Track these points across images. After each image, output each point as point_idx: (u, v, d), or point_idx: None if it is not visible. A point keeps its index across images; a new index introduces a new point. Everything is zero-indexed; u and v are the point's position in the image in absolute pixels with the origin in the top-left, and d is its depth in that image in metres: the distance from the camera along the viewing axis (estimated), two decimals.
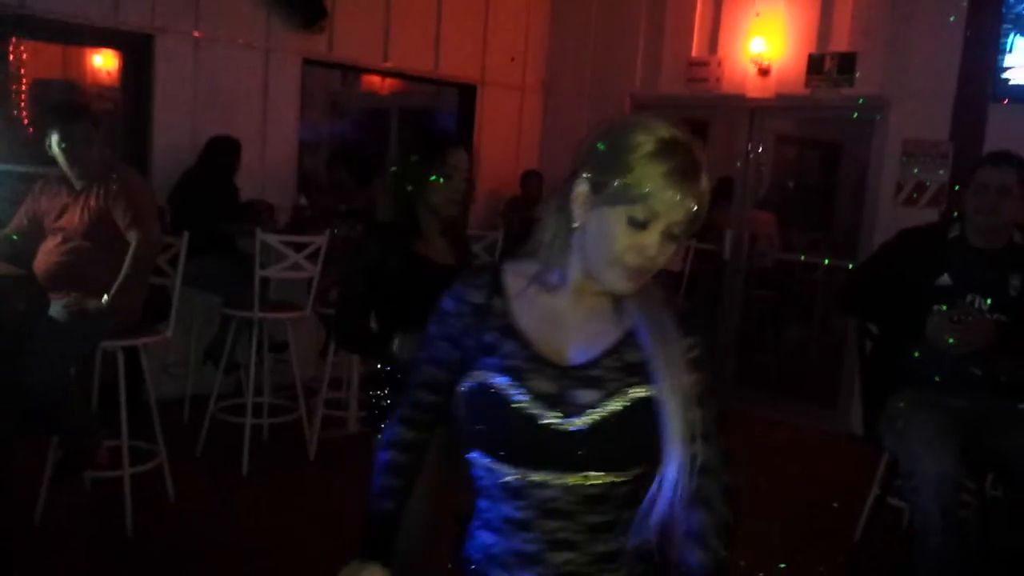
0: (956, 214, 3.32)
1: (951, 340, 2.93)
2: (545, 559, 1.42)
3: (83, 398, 3.66)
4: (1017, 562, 3.10)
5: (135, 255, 3.53)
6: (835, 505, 4.25)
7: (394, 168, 2.60)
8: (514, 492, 1.42)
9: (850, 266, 4.76)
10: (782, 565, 3.66)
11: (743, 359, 6.45)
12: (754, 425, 5.77)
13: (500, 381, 1.39)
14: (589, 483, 1.41)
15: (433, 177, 2.52)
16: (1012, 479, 3.16)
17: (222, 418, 4.57)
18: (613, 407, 1.40)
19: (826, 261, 6.27)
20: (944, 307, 2.99)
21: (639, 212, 1.32)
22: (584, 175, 1.37)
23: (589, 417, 1.39)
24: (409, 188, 2.53)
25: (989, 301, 3.02)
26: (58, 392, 3.41)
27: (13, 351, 3.36)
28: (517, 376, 1.40)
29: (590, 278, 1.41)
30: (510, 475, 1.41)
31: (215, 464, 4.37)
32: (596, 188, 1.35)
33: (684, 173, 1.32)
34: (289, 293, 5.01)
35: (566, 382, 1.41)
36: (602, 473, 1.41)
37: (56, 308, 3.45)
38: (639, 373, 1.41)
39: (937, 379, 3.07)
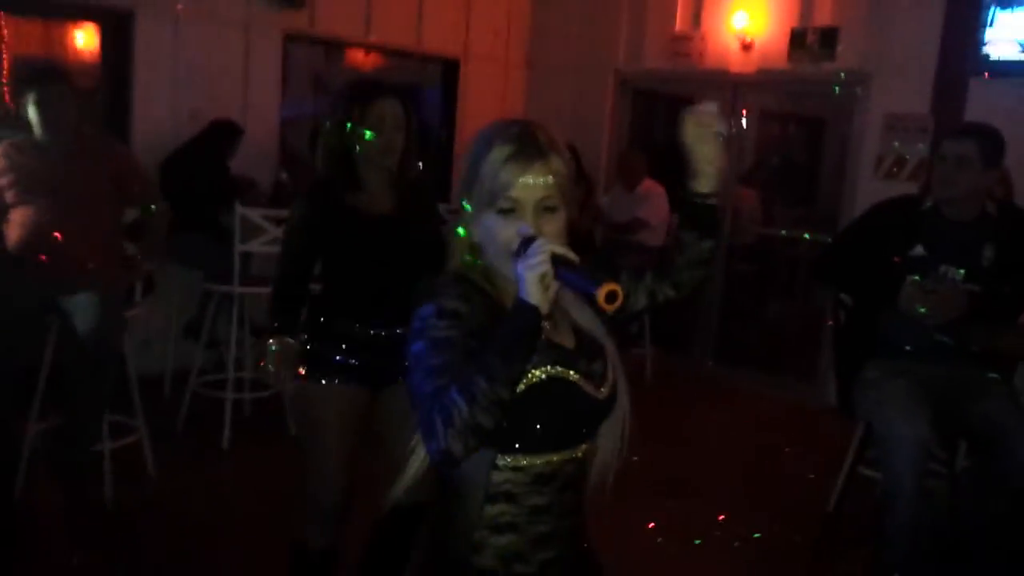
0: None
1: (924, 310, 2.95)
2: (558, 533, 1.53)
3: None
4: (984, 529, 3.14)
5: (161, 222, 3.73)
6: (811, 476, 4.30)
7: (325, 124, 2.58)
8: (546, 478, 1.50)
9: (830, 240, 4.78)
10: (756, 535, 3.71)
11: (724, 333, 6.48)
12: (734, 398, 5.82)
13: (559, 368, 1.46)
14: (588, 449, 1.55)
15: (364, 132, 2.49)
16: (980, 447, 3.21)
17: (203, 393, 4.57)
18: (612, 372, 1.56)
19: (807, 236, 6.30)
20: (918, 277, 3.02)
21: (503, 203, 1.44)
22: (462, 200, 1.50)
23: (608, 385, 1.54)
24: (340, 143, 2.52)
25: (962, 272, 3.05)
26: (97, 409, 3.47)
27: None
28: (564, 362, 1.48)
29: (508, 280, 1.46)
30: (554, 458, 1.49)
31: (196, 439, 4.38)
32: (471, 205, 1.48)
33: (524, 154, 1.44)
34: (272, 270, 5.00)
35: (582, 360, 1.52)
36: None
37: (90, 301, 3.38)
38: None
39: (909, 349, 3.11)
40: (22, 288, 3.38)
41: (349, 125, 2.50)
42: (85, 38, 6.86)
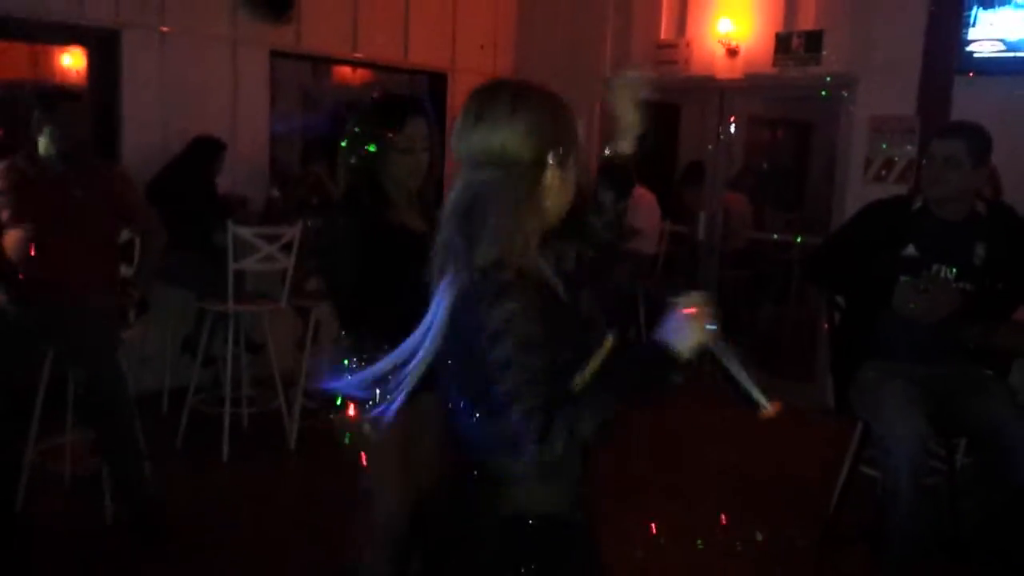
0: None
1: (917, 308, 2.98)
2: None
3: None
4: (984, 527, 3.16)
5: (155, 244, 3.74)
6: (811, 477, 4.31)
7: (349, 138, 2.52)
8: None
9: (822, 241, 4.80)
10: (759, 536, 3.71)
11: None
12: (731, 402, 5.81)
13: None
14: None
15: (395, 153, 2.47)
16: (977, 444, 3.23)
17: (201, 410, 4.56)
18: None
19: (798, 239, 6.33)
20: (910, 277, 3.04)
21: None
22: (550, 156, 1.49)
23: None
24: (368, 159, 2.48)
25: (954, 270, 3.07)
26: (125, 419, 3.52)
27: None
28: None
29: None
30: None
31: (195, 455, 4.37)
32: (563, 160, 1.51)
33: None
34: (267, 287, 5.00)
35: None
36: None
37: (82, 332, 3.43)
38: None
39: (905, 348, 3.13)
40: (17, 310, 3.38)
41: (377, 145, 2.47)
42: (73, 62, 6.88)
